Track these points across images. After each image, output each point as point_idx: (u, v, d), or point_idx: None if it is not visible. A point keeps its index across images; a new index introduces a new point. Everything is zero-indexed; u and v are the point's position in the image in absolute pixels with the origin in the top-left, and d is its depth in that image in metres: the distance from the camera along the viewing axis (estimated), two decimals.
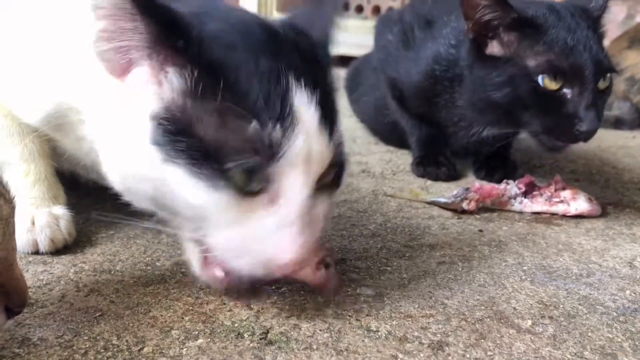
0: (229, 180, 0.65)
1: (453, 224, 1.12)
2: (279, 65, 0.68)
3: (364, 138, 1.76)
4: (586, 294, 0.87)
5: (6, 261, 0.57)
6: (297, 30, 0.76)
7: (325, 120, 0.69)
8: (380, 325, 0.75)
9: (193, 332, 0.71)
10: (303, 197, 0.67)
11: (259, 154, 0.65)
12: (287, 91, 0.67)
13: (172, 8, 0.68)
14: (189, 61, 0.66)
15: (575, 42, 1.13)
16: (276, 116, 0.65)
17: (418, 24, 1.47)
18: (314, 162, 0.68)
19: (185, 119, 0.66)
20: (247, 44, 0.69)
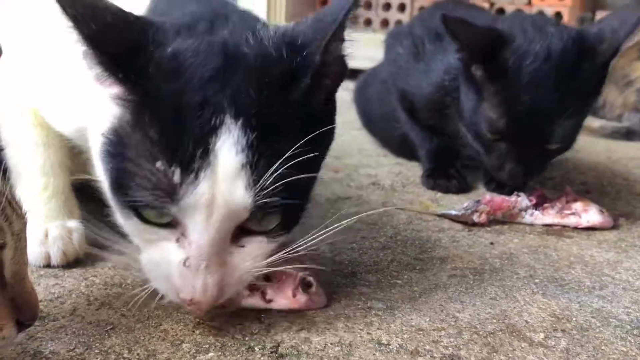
0: (137, 212, 0.68)
1: (464, 237, 1.12)
2: (219, 101, 0.65)
3: (372, 150, 1.76)
4: (599, 306, 0.86)
5: (18, 275, 0.58)
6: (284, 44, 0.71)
7: (252, 164, 0.65)
8: (392, 338, 0.75)
9: (204, 345, 0.71)
10: (205, 242, 0.66)
11: (157, 195, 0.65)
12: (212, 132, 0.65)
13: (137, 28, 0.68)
14: (127, 91, 0.67)
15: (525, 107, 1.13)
16: (184, 160, 0.64)
17: (428, 37, 1.47)
18: (222, 209, 0.65)
19: (117, 144, 0.69)
20: (196, 72, 0.66)
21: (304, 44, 0.71)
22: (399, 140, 1.63)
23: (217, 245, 0.67)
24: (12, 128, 0.93)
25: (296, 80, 0.70)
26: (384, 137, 1.79)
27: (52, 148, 0.93)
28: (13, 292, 0.57)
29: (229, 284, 0.71)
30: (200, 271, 0.67)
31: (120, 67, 0.66)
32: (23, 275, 0.59)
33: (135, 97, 0.67)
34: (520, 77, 1.14)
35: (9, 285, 0.57)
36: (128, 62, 0.66)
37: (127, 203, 0.68)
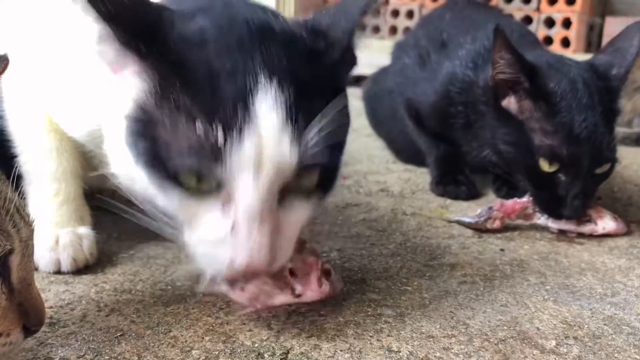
0: (180, 182, 0.66)
1: (474, 243, 1.11)
2: (250, 65, 0.66)
3: (382, 157, 1.76)
4: (611, 313, 0.86)
5: (25, 281, 0.58)
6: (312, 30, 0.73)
7: (294, 121, 0.65)
8: (402, 345, 0.75)
9: (214, 352, 0.71)
10: (254, 202, 0.64)
11: (201, 157, 0.63)
12: (248, 91, 0.64)
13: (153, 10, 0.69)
14: (151, 64, 0.67)
15: (582, 130, 1.12)
16: (225, 118, 0.63)
17: (433, 47, 1.48)
18: (269, 167, 0.64)
19: (146, 120, 0.67)
20: (221, 42, 0.67)
21: (329, 27, 0.74)
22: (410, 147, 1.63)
23: (265, 205, 0.65)
24: (27, 134, 0.94)
25: (322, 57, 0.72)
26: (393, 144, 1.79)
27: (65, 154, 0.93)
28: (20, 297, 0.58)
29: (281, 248, 0.69)
30: (252, 233, 0.65)
31: (142, 40, 0.66)
32: (30, 282, 0.59)
33: (161, 68, 0.66)
34: (566, 101, 1.14)
35: (16, 290, 0.58)
36: (149, 36, 0.66)
37: (168, 174, 0.65)
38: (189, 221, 0.69)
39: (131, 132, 0.68)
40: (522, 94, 1.17)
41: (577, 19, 2.73)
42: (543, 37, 2.77)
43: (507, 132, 1.20)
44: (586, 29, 2.86)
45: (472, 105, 1.32)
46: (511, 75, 1.17)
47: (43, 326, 0.71)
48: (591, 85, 1.16)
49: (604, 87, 1.18)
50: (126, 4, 0.67)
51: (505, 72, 1.17)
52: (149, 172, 0.67)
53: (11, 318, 0.57)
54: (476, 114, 1.31)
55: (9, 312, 0.57)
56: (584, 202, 1.14)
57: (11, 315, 0.57)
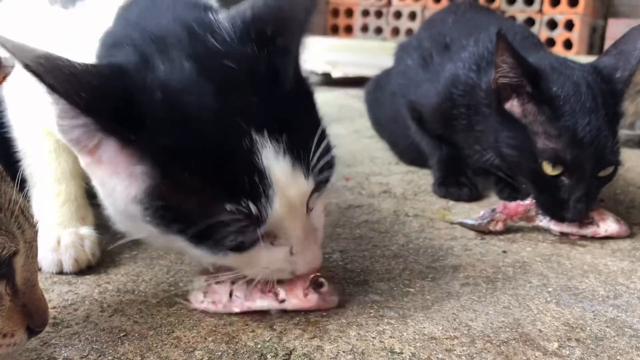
0: (228, 250, 0.70)
1: (476, 245, 1.11)
2: (237, 125, 0.66)
3: (384, 158, 1.76)
4: (614, 316, 0.86)
5: (29, 282, 0.59)
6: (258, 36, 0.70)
7: (299, 158, 0.69)
8: (404, 347, 0.75)
9: (216, 352, 0.71)
10: (300, 232, 0.73)
11: (243, 232, 0.69)
12: (251, 154, 0.66)
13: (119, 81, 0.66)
14: (146, 150, 0.65)
15: (585, 133, 1.12)
16: (247, 190, 0.66)
17: (436, 49, 1.48)
18: (296, 202, 0.70)
19: (169, 204, 0.67)
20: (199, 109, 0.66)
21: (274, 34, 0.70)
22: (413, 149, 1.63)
23: (304, 226, 0.73)
24: (27, 138, 0.95)
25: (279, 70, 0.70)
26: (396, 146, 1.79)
27: (63, 156, 0.94)
28: (24, 298, 0.58)
29: (321, 238, 0.78)
30: (305, 249, 0.74)
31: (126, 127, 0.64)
32: (34, 282, 0.60)
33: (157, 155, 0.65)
34: (570, 104, 1.14)
35: (20, 291, 0.58)
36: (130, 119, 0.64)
37: (220, 248, 0.70)
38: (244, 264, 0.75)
39: (154, 215, 0.68)
40: (525, 97, 1.17)
41: (580, 21, 2.73)
42: (545, 39, 2.77)
43: (510, 135, 1.20)
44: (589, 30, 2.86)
45: (474, 108, 1.32)
46: (514, 79, 1.17)
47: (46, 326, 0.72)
48: (595, 88, 1.16)
49: (607, 90, 1.18)
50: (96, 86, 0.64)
51: (508, 76, 1.17)
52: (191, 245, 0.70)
53: (15, 319, 0.57)
54: (478, 115, 1.31)
55: (14, 313, 0.57)
56: (586, 205, 1.14)
57: (15, 316, 0.57)
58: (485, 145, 1.33)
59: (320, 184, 0.74)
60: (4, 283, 0.56)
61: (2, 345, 0.56)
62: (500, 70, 1.17)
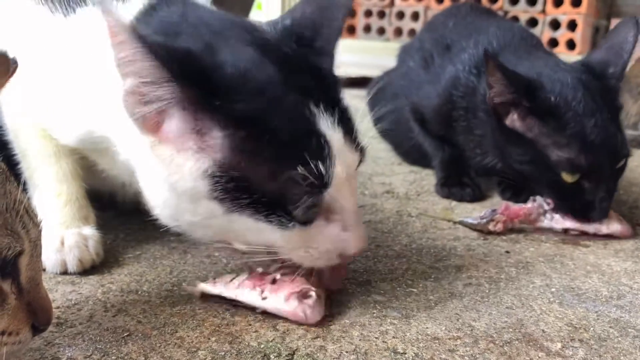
0: (294, 220, 0.73)
1: (479, 245, 1.11)
2: (299, 98, 0.73)
3: (387, 159, 1.76)
4: (617, 316, 0.85)
5: (33, 280, 0.59)
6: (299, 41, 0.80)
7: (347, 131, 0.76)
8: (407, 347, 0.75)
9: (220, 352, 0.72)
10: (353, 204, 0.76)
11: (313, 193, 0.72)
12: (313, 122, 0.72)
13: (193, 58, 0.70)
14: (229, 121, 0.70)
15: (595, 136, 1.12)
16: (315, 152, 0.71)
17: (437, 50, 1.48)
18: (350, 171, 0.75)
19: (242, 176, 0.70)
20: (268, 82, 0.72)
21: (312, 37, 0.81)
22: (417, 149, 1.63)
23: (355, 198, 0.78)
24: (24, 141, 0.95)
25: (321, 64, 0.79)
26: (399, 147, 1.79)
27: (63, 158, 0.95)
28: (29, 297, 0.59)
29: None
30: (357, 225, 0.76)
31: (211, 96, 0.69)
32: (38, 281, 0.60)
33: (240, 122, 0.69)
34: (572, 110, 1.13)
35: (25, 290, 0.58)
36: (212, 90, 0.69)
37: (291, 215, 0.72)
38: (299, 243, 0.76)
39: (224, 190, 0.71)
40: (523, 111, 1.16)
41: (583, 21, 2.73)
42: (548, 40, 2.77)
43: (519, 152, 1.19)
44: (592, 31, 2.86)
45: (472, 111, 1.32)
46: (509, 97, 1.16)
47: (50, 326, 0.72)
48: (591, 87, 1.16)
49: (603, 87, 1.18)
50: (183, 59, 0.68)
51: (502, 95, 1.16)
52: (259, 219, 0.72)
53: (20, 317, 0.58)
54: (476, 119, 1.31)
55: (19, 311, 0.57)
56: (610, 202, 1.15)
57: (20, 315, 0.58)
58: (486, 148, 1.33)
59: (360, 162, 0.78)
60: (10, 282, 0.57)
61: (7, 343, 0.57)
62: (494, 90, 1.17)
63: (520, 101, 1.15)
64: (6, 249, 0.55)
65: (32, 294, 0.59)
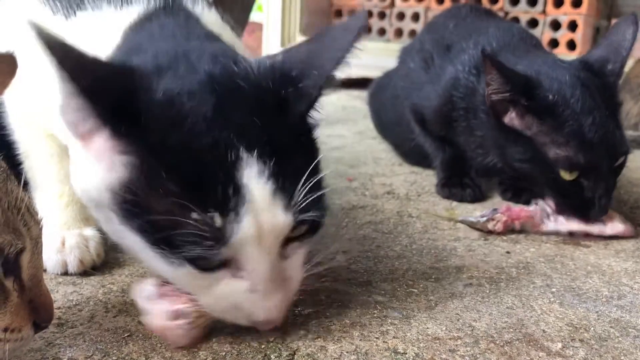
0: (185, 261, 0.66)
1: (479, 246, 1.11)
2: (228, 138, 0.66)
3: (387, 159, 1.76)
4: (617, 316, 0.85)
5: (35, 278, 0.60)
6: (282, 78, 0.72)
7: (282, 188, 0.67)
8: (408, 347, 0.75)
9: (220, 353, 0.72)
10: (263, 269, 0.68)
11: (203, 245, 0.65)
12: (234, 168, 0.65)
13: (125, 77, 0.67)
14: (132, 146, 0.66)
15: (593, 134, 1.12)
16: (218, 202, 0.64)
17: (437, 51, 1.49)
18: (269, 234, 0.67)
19: (136, 200, 0.66)
20: (195, 116, 0.66)
21: (299, 77, 0.72)
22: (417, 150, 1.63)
23: (272, 265, 0.69)
24: (27, 141, 0.95)
25: (291, 108, 0.71)
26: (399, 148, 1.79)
27: (65, 158, 0.94)
28: (31, 294, 0.59)
29: (291, 296, 0.74)
30: (267, 293, 0.69)
31: (122, 118, 0.65)
32: (40, 278, 0.60)
33: (143, 150, 0.66)
34: (570, 108, 1.13)
35: (27, 287, 0.59)
36: (126, 114, 0.65)
37: (177, 257, 0.67)
38: (195, 287, 0.71)
39: (120, 207, 0.68)
40: (521, 110, 1.16)
41: (583, 22, 2.73)
42: (549, 40, 2.77)
43: (519, 150, 1.19)
44: (592, 31, 2.85)
45: (473, 111, 1.32)
46: (507, 95, 1.16)
47: (51, 327, 0.73)
48: (590, 85, 1.16)
49: (601, 84, 1.18)
50: (100, 76, 0.65)
51: (500, 92, 1.16)
52: (147, 246, 0.67)
53: (22, 314, 0.58)
54: (476, 119, 1.31)
55: (21, 308, 0.58)
56: (609, 200, 1.15)
57: (22, 312, 0.58)
58: (487, 148, 1.33)
59: (302, 227, 0.71)
60: (12, 279, 0.57)
61: (10, 340, 0.57)
62: (491, 87, 1.17)
63: (518, 99, 1.15)
64: (8, 247, 0.56)
65: (34, 291, 0.59)
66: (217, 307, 0.72)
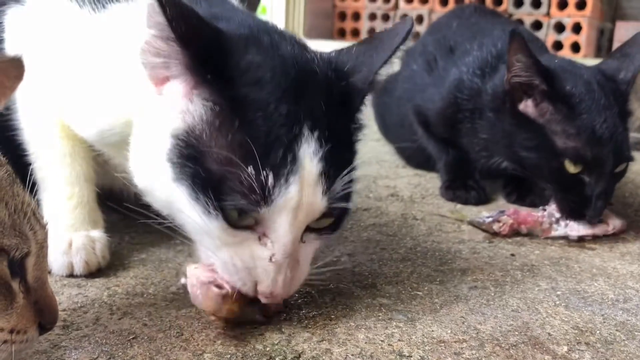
0: (221, 213, 0.70)
1: (484, 248, 1.11)
2: (297, 113, 0.71)
3: (391, 162, 1.76)
4: (623, 319, 0.85)
5: (40, 280, 0.60)
6: (336, 71, 0.78)
7: (328, 173, 0.72)
8: (413, 350, 0.75)
9: (225, 355, 0.72)
10: (288, 241, 0.71)
11: (249, 198, 0.68)
12: (295, 141, 0.70)
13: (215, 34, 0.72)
14: (214, 94, 0.71)
15: (603, 131, 1.13)
16: (275, 165, 0.68)
17: (440, 53, 1.49)
18: (304, 211, 0.71)
19: (198, 147, 0.71)
20: (275, 84, 0.72)
21: (350, 71, 0.79)
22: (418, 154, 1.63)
23: (295, 243, 0.73)
24: (40, 141, 0.96)
25: (349, 101, 0.78)
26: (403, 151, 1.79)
27: (78, 159, 0.95)
28: (36, 296, 0.59)
29: (300, 279, 0.76)
30: (283, 267, 0.72)
31: (208, 68, 0.70)
32: (44, 281, 0.61)
33: (222, 100, 0.71)
34: (585, 102, 1.14)
35: (32, 289, 0.59)
36: (214, 65, 0.71)
37: (212, 204, 0.69)
38: (221, 243, 0.73)
39: (179, 154, 0.72)
40: (539, 97, 1.18)
41: (587, 24, 2.72)
42: (553, 42, 2.77)
43: (527, 137, 1.20)
44: (596, 33, 2.85)
45: (478, 112, 1.32)
46: (527, 79, 1.17)
47: (56, 329, 0.73)
48: (605, 87, 1.17)
49: (614, 90, 1.19)
50: (196, 26, 0.70)
51: (522, 76, 1.18)
52: (191, 195, 0.71)
53: (28, 316, 0.58)
54: (482, 120, 1.31)
55: (26, 310, 0.58)
56: (605, 202, 1.16)
57: (28, 314, 0.58)
58: (491, 150, 1.33)
59: (327, 219, 0.75)
60: (18, 282, 0.58)
61: (15, 341, 0.58)
62: (514, 69, 1.18)
63: (538, 84, 1.16)
64: (14, 250, 0.56)
65: (39, 293, 0.60)
66: (230, 267, 0.73)
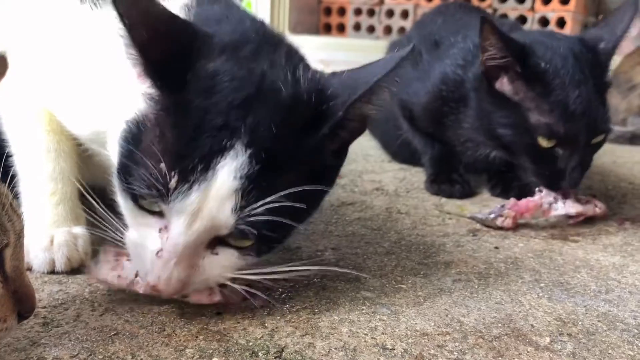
0: (130, 195, 0.74)
1: (468, 241, 1.11)
2: (235, 127, 0.70)
3: (377, 156, 1.76)
4: (605, 310, 0.86)
5: (18, 269, 0.60)
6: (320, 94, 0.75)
7: (245, 192, 0.70)
8: (396, 343, 0.74)
9: (207, 350, 0.71)
10: (179, 243, 0.72)
11: (151, 190, 0.71)
12: (218, 153, 0.70)
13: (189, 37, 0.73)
14: (160, 96, 0.72)
15: (577, 106, 1.14)
16: (184, 169, 0.69)
17: (425, 47, 1.49)
18: (204, 221, 0.71)
19: (133, 135, 0.74)
20: (224, 95, 0.72)
21: (332, 95, 0.75)
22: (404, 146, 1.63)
23: (190, 248, 0.73)
24: (24, 134, 0.94)
25: (316, 127, 0.74)
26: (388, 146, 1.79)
27: (63, 155, 0.94)
28: (14, 285, 0.60)
29: (194, 283, 0.76)
30: (168, 265, 0.73)
31: (161, 75, 0.71)
32: (22, 270, 0.61)
33: (165, 102, 0.72)
34: (559, 78, 1.16)
35: (11, 279, 0.59)
36: (169, 72, 0.72)
37: (127, 187, 0.73)
38: (131, 222, 0.77)
39: (122, 135, 0.75)
40: (514, 75, 1.19)
41: (571, 19, 2.74)
42: None
43: (504, 114, 1.22)
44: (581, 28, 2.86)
45: (463, 102, 1.33)
46: (501, 60, 1.18)
47: (36, 326, 0.72)
48: (582, 59, 1.18)
49: (593, 61, 1.20)
50: (161, 32, 0.71)
51: (495, 58, 1.19)
52: (117, 174, 0.76)
53: (7, 305, 0.59)
54: (466, 107, 1.32)
55: (5, 299, 0.59)
56: (581, 173, 1.18)
57: (7, 303, 0.59)
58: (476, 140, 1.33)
59: (244, 240, 0.74)
60: None
61: None
62: (488, 53, 1.19)
63: (512, 65, 1.18)
64: None
65: (17, 282, 0.60)
66: (132, 247, 0.77)
